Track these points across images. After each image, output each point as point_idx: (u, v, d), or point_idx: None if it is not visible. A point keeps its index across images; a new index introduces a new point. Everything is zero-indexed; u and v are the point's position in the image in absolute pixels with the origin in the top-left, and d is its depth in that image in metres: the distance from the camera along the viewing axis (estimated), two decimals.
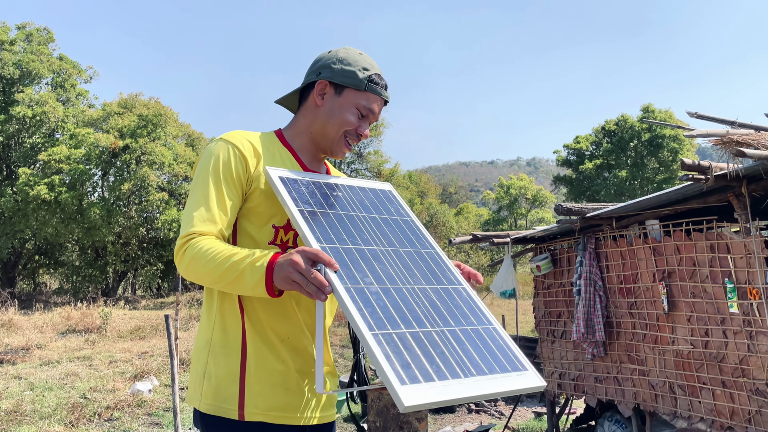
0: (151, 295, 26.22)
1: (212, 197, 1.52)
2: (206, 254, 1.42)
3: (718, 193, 3.96)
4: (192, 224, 1.49)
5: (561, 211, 4.72)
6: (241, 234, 1.59)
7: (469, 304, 1.49)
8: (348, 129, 1.65)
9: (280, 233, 1.58)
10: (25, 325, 12.98)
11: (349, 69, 1.66)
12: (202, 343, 1.62)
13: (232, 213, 1.55)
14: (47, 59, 24.75)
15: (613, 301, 4.80)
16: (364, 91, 1.65)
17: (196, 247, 1.44)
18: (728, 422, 3.91)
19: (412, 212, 1.75)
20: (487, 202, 45.65)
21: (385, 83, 1.71)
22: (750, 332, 3.78)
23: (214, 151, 1.58)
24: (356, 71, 1.66)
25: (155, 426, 6.11)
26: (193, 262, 1.43)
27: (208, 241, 1.45)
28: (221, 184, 1.53)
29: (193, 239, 1.47)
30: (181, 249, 1.47)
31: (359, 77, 1.65)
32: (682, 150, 30.81)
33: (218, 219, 1.51)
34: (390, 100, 1.75)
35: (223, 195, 1.53)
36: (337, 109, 1.64)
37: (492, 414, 6.92)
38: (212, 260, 1.41)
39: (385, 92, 1.70)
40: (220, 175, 1.54)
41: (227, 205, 1.53)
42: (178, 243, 1.48)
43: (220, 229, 1.51)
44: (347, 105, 1.64)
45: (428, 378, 1.22)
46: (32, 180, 21.31)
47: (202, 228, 1.48)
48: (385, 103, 1.73)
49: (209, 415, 1.54)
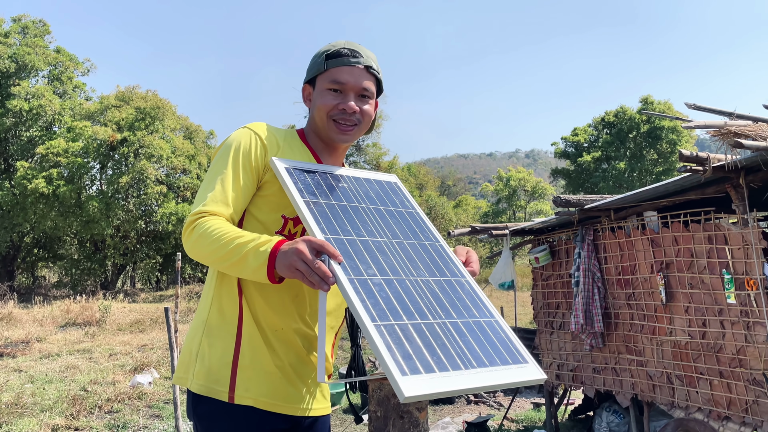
0: (150, 288, 26.24)
1: (228, 180, 1.54)
2: (212, 233, 1.43)
3: (716, 185, 3.97)
4: (204, 203, 1.50)
5: (559, 203, 4.74)
6: (249, 220, 1.60)
7: (471, 296, 1.50)
8: (329, 111, 1.65)
9: (288, 224, 1.60)
10: (24, 319, 12.99)
11: (312, 62, 1.71)
12: (197, 324, 1.63)
13: (245, 198, 1.56)
14: (43, 52, 24.62)
15: (611, 293, 4.81)
16: (326, 70, 1.66)
17: (204, 225, 1.45)
18: (725, 412, 3.94)
19: (416, 204, 1.76)
20: (485, 195, 45.64)
21: (349, 50, 1.67)
22: (747, 323, 3.81)
23: (236, 137, 1.61)
24: (316, 59, 1.69)
25: (155, 418, 6.14)
26: (200, 240, 1.44)
27: (216, 222, 1.46)
28: (239, 169, 1.55)
29: (202, 218, 1.48)
30: (190, 226, 1.48)
31: (318, 61, 1.68)
32: (681, 141, 30.82)
33: (231, 202, 1.52)
34: (365, 62, 1.68)
35: (239, 179, 1.55)
36: (316, 99, 1.68)
37: (491, 405, 6.96)
38: (217, 240, 1.42)
39: (349, 59, 1.66)
40: (239, 160, 1.56)
41: (241, 190, 1.55)
42: (188, 220, 1.49)
43: (231, 213, 1.53)
44: (319, 91, 1.67)
45: (429, 369, 1.22)
46: (30, 173, 21.27)
47: (213, 208, 1.50)
48: (368, 69, 1.67)
49: (199, 395, 1.56)
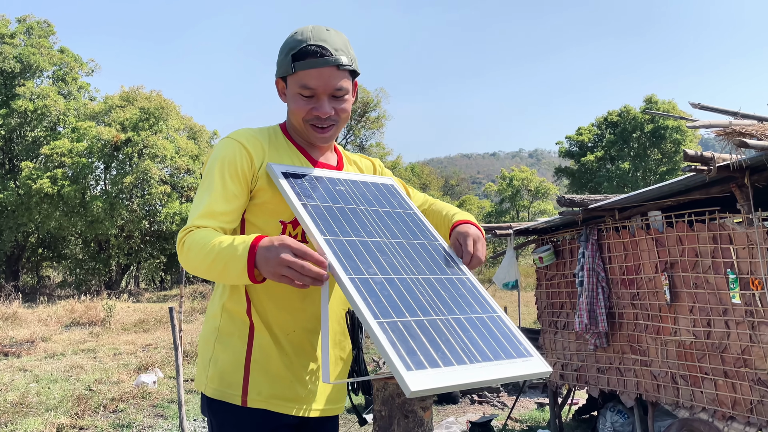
0: (154, 287, 26.30)
1: (215, 194, 1.52)
2: (198, 243, 1.43)
3: (721, 184, 3.96)
4: (192, 220, 1.50)
5: (564, 203, 4.73)
6: (248, 228, 1.60)
7: (473, 293, 1.50)
8: (304, 117, 1.58)
9: (288, 228, 1.59)
10: (29, 318, 13.03)
11: (280, 59, 1.60)
12: (210, 330, 1.64)
13: (236, 209, 1.55)
14: (48, 52, 24.73)
15: (615, 292, 4.81)
16: (294, 73, 1.55)
17: (192, 238, 1.45)
18: (730, 412, 3.93)
19: (414, 205, 1.76)
20: (489, 194, 45.56)
21: (316, 48, 1.52)
22: (752, 323, 3.79)
23: (220, 149, 1.59)
24: (283, 57, 1.58)
25: (160, 417, 6.15)
26: (190, 254, 1.44)
27: (203, 233, 1.45)
28: (226, 181, 1.53)
29: (191, 232, 1.48)
30: (180, 241, 1.48)
31: (286, 62, 1.57)
32: (685, 141, 30.73)
33: (219, 214, 1.51)
34: (335, 60, 1.52)
35: (227, 191, 1.53)
36: (290, 102, 1.61)
37: (494, 405, 6.95)
38: (202, 249, 1.41)
39: (317, 59, 1.52)
40: (225, 172, 1.54)
41: (230, 202, 1.53)
42: (179, 236, 1.49)
43: (222, 225, 1.51)
44: (291, 95, 1.59)
45: (434, 364, 1.23)
46: (35, 173, 21.36)
47: (201, 222, 1.49)
48: (338, 67, 1.53)
49: (214, 399, 1.58)
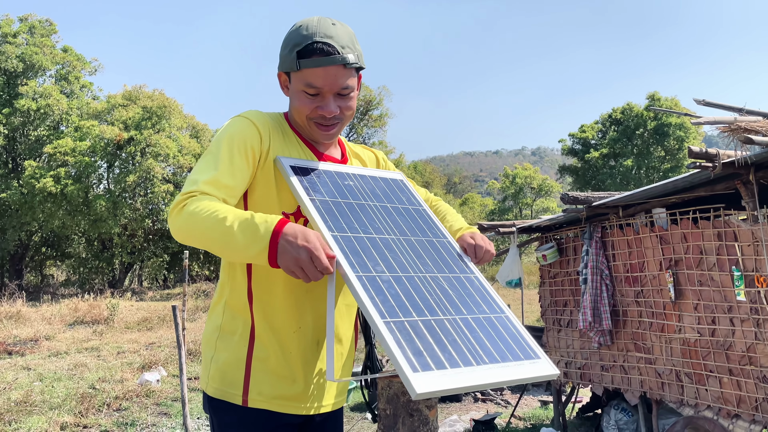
0: (158, 286, 26.33)
1: (223, 166, 1.45)
2: (205, 209, 1.34)
3: (726, 181, 3.95)
4: (197, 185, 1.41)
5: (567, 200, 4.72)
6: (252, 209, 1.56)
7: (481, 292, 1.49)
8: (308, 114, 1.54)
9: (290, 219, 1.56)
10: (33, 317, 13.06)
11: (284, 54, 1.55)
12: (212, 329, 1.63)
13: (240, 186, 1.47)
14: (50, 51, 24.73)
15: (619, 290, 4.79)
16: (299, 70, 1.50)
17: (195, 204, 1.36)
18: (735, 410, 3.92)
19: (423, 201, 1.74)
20: (492, 192, 45.53)
21: (322, 45, 1.48)
22: (757, 320, 3.78)
23: (231, 126, 1.54)
24: (287, 53, 1.53)
25: (164, 416, 6.16)
26: (191, 219, 1.34)
27: (210, 201, 1.36)
28: (234, 156, 1.47)
29: (194, 196, 1.39)
30: (179, 204, 1.38)
31: (290, 59, 1.52)
32: (689, 138, 30.65)
33: (224, 187, 1.43)
34: (342, 59, 1.48)
35: (233, 166, 1.46)
36: (293, 98, 1.56)
37: (498, 403, 6.95)
38: (210, 216, 1.32)
39: (323, 58, 1.48)
40: (234, 147, 1.48)
41: (236, 177, 1.46)
42: (177, 199, 1.39)
43: (225, 198, 1.43)
44: (295, 92, 1.54)
45: (440, 366, 1.22)
46: (38, 173, 21.39)
47: (205, 189, 1.40)
48: (345, 65, 1.49)
49: (215, 398, 1.57)
